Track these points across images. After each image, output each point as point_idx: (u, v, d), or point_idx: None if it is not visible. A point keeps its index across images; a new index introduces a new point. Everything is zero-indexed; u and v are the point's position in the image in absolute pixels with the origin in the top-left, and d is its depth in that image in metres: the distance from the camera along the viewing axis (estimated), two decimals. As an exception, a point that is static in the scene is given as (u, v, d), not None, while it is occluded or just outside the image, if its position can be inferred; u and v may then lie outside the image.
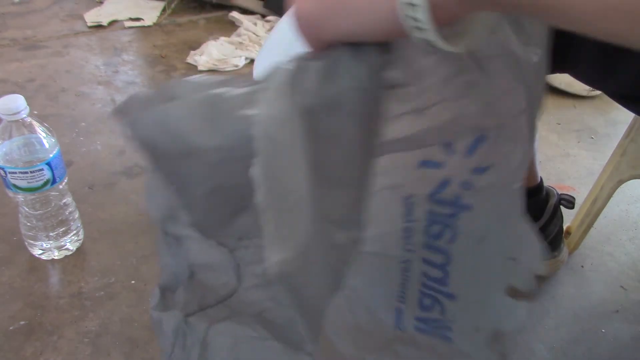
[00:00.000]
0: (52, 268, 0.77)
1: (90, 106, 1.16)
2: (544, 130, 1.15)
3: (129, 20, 1.55)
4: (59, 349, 0.66)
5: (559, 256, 0.77)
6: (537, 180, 0.75)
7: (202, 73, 1.32)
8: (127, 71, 1.32)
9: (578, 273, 0.80)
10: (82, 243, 0.81)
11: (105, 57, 1.38)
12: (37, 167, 0.69)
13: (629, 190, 0.92)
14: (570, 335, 0.71)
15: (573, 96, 1.28)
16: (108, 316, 0.70)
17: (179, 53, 1.40)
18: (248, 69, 1.34)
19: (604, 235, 0.86)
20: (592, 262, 0.82)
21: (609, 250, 0.84)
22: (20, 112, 0.67)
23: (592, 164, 1.05)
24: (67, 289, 0.74)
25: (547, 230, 0.75)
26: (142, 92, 0.38)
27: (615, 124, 1.19)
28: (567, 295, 0.77)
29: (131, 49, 1.42)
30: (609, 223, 0.87)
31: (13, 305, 0.71)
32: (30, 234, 0.76)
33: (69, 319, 0.70)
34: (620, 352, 0.69)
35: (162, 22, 1.57)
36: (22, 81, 1.24)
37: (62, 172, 0.74)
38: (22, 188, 0.70)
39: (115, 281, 0.75)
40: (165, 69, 1.33)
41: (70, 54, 1.38)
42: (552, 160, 1.06)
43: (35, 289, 0.74)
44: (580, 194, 0.83)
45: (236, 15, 1.57)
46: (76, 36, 1.48)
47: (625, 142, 0.73)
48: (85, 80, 1.26)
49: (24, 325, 0.69)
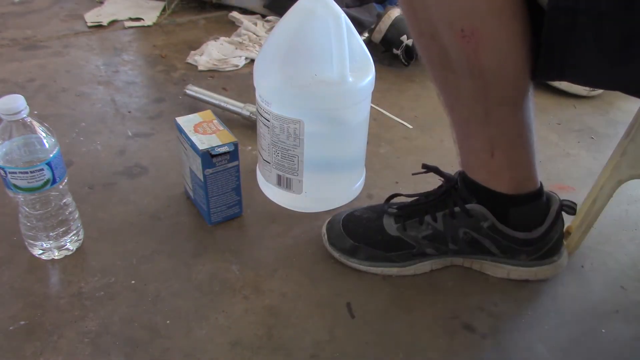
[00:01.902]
0: (52, 268, 0.77)
1: (90, 106, 1.16)
2: (544, 130, 1.15)
3: (129, 20, 1.55)
4: (59, 349, 0.66)
5: (558, 261, 0.77)
6: (537, 185, 0.74)
7: (202, 72, 1.32)
8: (127, 71, 1.32)
9: (578, 273, 0.80)
10: (82, 243, 0.81)
11: (105, 57, 1.38)
12: (37, 167, 0.69)
13: (629, 190, 0.92)
14: (570, 335, 0.71)
15: (573, 96, 1.28)
16: (108, 316, 0.70)
17: (179, 53, 1.41)
18: (248, 69, 1.35)
19: (604, 235, 0.86)
20: (592, 262, 0.82)
21: (609, 250, 0.84)
22: (20, 112, 0.67)
23: (592, 164, 1.05)
24: (67, 289, 0.74)
25: (549, 236, 0.74)
26: None
27: (615, 124, 1.20)
28: (567, 295, 0.77)
29: (131, 49, 1.42)
30: (609, 223, 0.87)
31: (13, 305, 0.71)
32: (30, 234, 0.76)
33: (69, 319, 0.70)
34: (620, 352, 0.70)
35: (162, 22, 1.58)
36: (22, 81, 1.24)
37: (62, 172, 0.74)
38: (22, 188, 0.70)
39: (115, 281, 0.75)
40: (165, 69, 1.33)
41: (70, 54, 1.38)
42: (552, 160, 1.06)
43: (35, 289, 0.74)
44: (580, 194, 0.83)
45: (236, 15, 1.57)
46: (76, 36, 1.48)
47: (625, 142, 0.73)
48: (85, 80, 1.26)
49: (24, 325, 0.69)
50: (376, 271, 0.77)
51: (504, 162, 0.71)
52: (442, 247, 0.76)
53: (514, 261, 0.76)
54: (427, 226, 0.75)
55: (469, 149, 0.73)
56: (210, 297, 0.74)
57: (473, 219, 0.73)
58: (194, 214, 0.87)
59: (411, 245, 0.76)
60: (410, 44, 1.33)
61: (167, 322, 0.70)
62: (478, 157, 0.72)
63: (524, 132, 0.70)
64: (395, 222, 0.77)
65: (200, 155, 0.77)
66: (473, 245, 0.75)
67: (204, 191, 0.81)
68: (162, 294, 0.73)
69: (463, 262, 0.79)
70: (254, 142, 0.98)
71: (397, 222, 0.77)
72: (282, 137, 0.82)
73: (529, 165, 0.73)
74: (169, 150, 1.02)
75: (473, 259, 0.78)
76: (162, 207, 0.89)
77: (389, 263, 0.77)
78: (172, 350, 0.66)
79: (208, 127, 0.82)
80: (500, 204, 0.73)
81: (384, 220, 0.78)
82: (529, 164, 0.73)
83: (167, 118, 1.13)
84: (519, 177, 0.72)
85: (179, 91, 1.22)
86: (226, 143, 0.79)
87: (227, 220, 0.86)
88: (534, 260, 0.76)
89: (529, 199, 0.74)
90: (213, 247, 0.81)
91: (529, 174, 0.73)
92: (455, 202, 0.74)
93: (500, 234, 0.74)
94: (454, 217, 0.74)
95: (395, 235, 0.76)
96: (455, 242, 0.75)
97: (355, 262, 0.77)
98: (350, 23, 0.80)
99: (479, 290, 0.76)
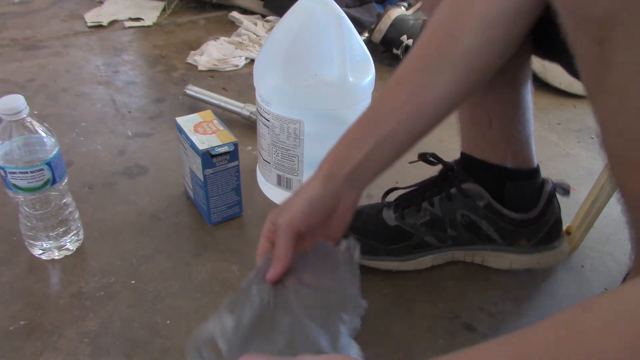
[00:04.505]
0: (52, 268, 0.77)
1: (90, 106, 1.16)
2: (544, 130, 1.15)
3: (129, 20, 1.55)
4: (59, 349, 0.66)
5: (559, 247, 0.77)
6: (534, 164, 0.76)
7: (202, 72, 1.32)
8: (127, 71, 1.32)
9: (578, 273, 0.80)
10: (82, 243, 0.81)
11: (105, 57, 1.38)
12: (37, 167, 0.69)
13: (629, 190, 0.92)
14: (570, 335, 0.71)
15: (573, 96, 1.28)
16: (108, 316, 0.70)
17: (179, 53, 1.41)
18: (248, 69, 1.35)
19: (604, 235, 0.86)
20: (592, 262, 0.82)
21: (609, 250, 0.84)
22: (20, 112, 0.67)
23: (592, 164, 1.05)
24: (67, 289, 0.74)
25: (544, 218, 0.75)
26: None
27: (615, 124, 1.19)
28: (567, 295, 0.77)
29: (131, 49, 1.42)
30: (609, 223, 0.87)
31: (13, 305, 0.71)
32: (30, 234, 0.76)
33: (69, 319, 0.70)
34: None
35: (162, 22, 1.58)
36: (22, 81, 1.24)
37: (62, 172, 0.74)
38: (22, 188, 0.70)
39: (115, 281, 0.75)
40: (165, 69, 1.33)
41: (70, 54, 1.38)
42: (552, 160, 1.06)
43: (35, 289, 0.74)
44: (580, 194, 0.83)
45: (236, 15, 1.57)
46: (76, 36, 1.48)
47: (625, 142, 0.73)
48: (85, 80, 1.26)
49: (24, 325, 0.69)
50: (376, 265, 0.77)
51: (502, 134, 0.73)
52: (441, 234, 0.76)
53: (515, 248, 0.77)
54: (425, 212, 0.76)
55: (470, 120, 0.75)
56: (210, 297, 0.74)
57: (469, 199, 0.74)
58: (194, 214, 0.87)
59: (410, 234, 0.76)
60: (411, 44, 1.33)
61: (167, 322, 0.70)
62: (477, 127, 0.74)
63: (521, 107, 0.72)
64: (394, 212, 0.77)
65: (200, 155, 0.77)
66: (471, 230, 0.76)
67: (204, 191, 0.81)
68: (162, 294, 0.73)
69: (464, 256, 0.79)
70: (254, 142, 0.98)
71: (395, 212, 0.77)
72: (282, 137, 0.82)
73: (526, 144, 0.75)
74: (169, 150, 1.02)
75: (474, 251, 0.78)
76: (162, 207, 0.89)
77: (389, 257, 0.77)
78: (172, 350, 0.66)
79: (208, 127, 0.82)
80: (496, 178, 0.74)
81: (384, 214, 0.78)
82: (526, 141, 0.75)
83: (167, 118, 1.13)
84: (515, 151, 0.74)
85: (179, 91, 1.22)
86: (226, 143, 0.79)
87: (227, 220, 0.86)
88: (534, 246, 0.77)
89: (524, 175, 0.75)
90: (213, 247, 0.81)
91: (526, 151, 0.75)
92: (452, 183, 0.75)
93: (497, 213, 0.74)
94: (450, 199, 0.75)
95: (394, 224, 0.76)
96: (454, 227, 0.76)
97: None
98: (350, 23, 0.80)
99: (479, 290, 0.76)
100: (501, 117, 0.73)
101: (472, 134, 0.76)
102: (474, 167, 0.75)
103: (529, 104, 0.73)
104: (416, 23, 1.35)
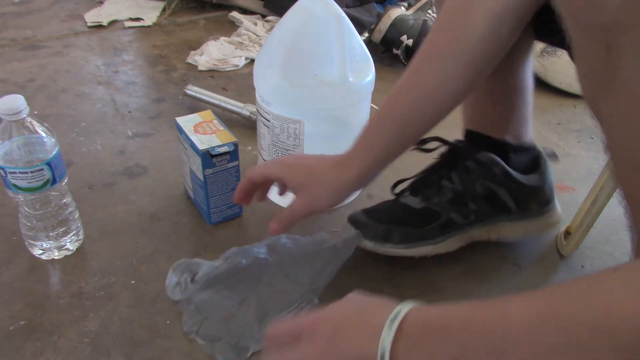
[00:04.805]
0: (52, 268, 0.77)
1: (90, 106, 1.16)
2: (544, 130, 1.15)
3: (129, 20, 1.55)
4: (59, 349, 0.66)
5: (555, 205, 0.83)
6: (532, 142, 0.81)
7: (202, 72, 1.32)
8: (127, 71, 1.32)
9: (578, 273, 0.80)
10: (82, 243, 0.81)
11: (105, 57, 1.38)
12: (37, 167, 0.69)
13: (629, 190, 0.92)
14: (570, 335, 0.71)
15: (573, 96, 1.28)
16: (108, 316, 0.70)
17: (179, 53, 1.41)
18: (248, 69, 1.35)
19: (604, 235, 0.86)
20: (592, 262, 0.82)
21: (609, 250, 0.84)
22: (20, 112, 0.67)
23: (592, 164, 1.05)
24: (67, 289, 0.74)
25: (547, 181, 0.80)
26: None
27: (615, 124, 1.19)
28: (567, 295, 0.77)
29: (131, 49, 1.42)
30: (609, 223, 0.87)
31: (13, 305, 0.71)
32: (30, 234, 0.76)
33: (69, 319, 0.70)
34: (620, 352, 0.69)
35: (162, 22, 1.58)
36: (22, 81, 1.25)
37: (62, 172, 0.74)
38: (22, 188, 0.70)
39: (115, 281, 0.75)
40: (165, 69, 1.33)
41: (70, 54, 1.38)
42: (552, 160, 1.06)
43: (35, 289, 0.74)
44: (580, 194, 0.83)
45: (236, 15, 1.57)
46: (76, 36, 1.48)
47: (625, 142, 0.73)
48: (85, 80, 1.26)
49: (24, 325, 0.69)
50: (411, 253, 0.76)
51: (504, 114, 0.79)
52: (464, 209, 0.76)
53: (527, 213, 0.79)
54: (447, 190, 0.76)
55: (476, 101, 0.79)
56: (210, 297, 0.73)
57: (486, 167, 0.76)
58: (194, 214, 0.87)
59: (438, 214, 0.76)
60: (410, 44, 1.33)
61: (167, 322, 0.70)
62: (481, 107, 0.80)
63: (522, 88, 0.78)
64: (416, 196, 0.78)
65: (200, 155, 0.77)
66: (491, 202, 0.77)
67: (204, 191, 0.81)
68: (162, 294, 0.73)
69: (482, 233, 0.79)
70: (254, 142, 0.98)
71: (417, 195, 0.77)
72: (282, 137, 0.82)
73: (525, 124, 0.81)
74: (169, 150, 1.02)
75: (491, 226, 0.79)
76: (162, 207, 0.89)
77: (423, 242, 0.76)
78: (172, 350, 0.66)
79: (208, 127, 0.82)
80: (500, 151, 0.78)
81: (405, 201, 0.78)
82: (525, 122, 0.81)
83: (167, 118, 1.13)
84: (516, 130, 0.80)
85: (179, 91, 1.22)
86: (226, 143, 0.79)
87: (227, 220, 0.86)
88: (540, 207, 0.80)
89: (524, 148, 0.81)
90: (213, 247, 0.81)
91: (525, 130, 0.81)
92: (466, 157, 0.77)
93: (511, 178, 0.77)
94: (468, 172, 0.76)
95: (421, 207, 0.76)
96: (475, 201, 0.76)
97: (391, 247, 0.76)
98: (350, 23, 0.80)
99: (479, 291, 0.76)
100: (503, 97, 0.78)
101: (477, 114, 0.81)
102: (480, 143, 0.79)
103: (529, 86, 0.78)
104: (416, 23, 1.35)
